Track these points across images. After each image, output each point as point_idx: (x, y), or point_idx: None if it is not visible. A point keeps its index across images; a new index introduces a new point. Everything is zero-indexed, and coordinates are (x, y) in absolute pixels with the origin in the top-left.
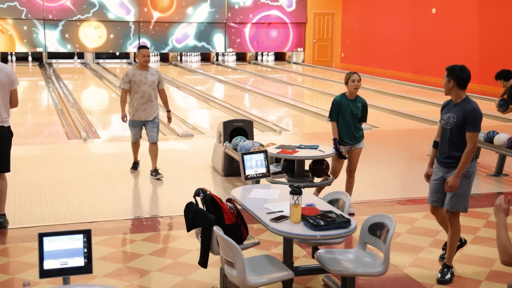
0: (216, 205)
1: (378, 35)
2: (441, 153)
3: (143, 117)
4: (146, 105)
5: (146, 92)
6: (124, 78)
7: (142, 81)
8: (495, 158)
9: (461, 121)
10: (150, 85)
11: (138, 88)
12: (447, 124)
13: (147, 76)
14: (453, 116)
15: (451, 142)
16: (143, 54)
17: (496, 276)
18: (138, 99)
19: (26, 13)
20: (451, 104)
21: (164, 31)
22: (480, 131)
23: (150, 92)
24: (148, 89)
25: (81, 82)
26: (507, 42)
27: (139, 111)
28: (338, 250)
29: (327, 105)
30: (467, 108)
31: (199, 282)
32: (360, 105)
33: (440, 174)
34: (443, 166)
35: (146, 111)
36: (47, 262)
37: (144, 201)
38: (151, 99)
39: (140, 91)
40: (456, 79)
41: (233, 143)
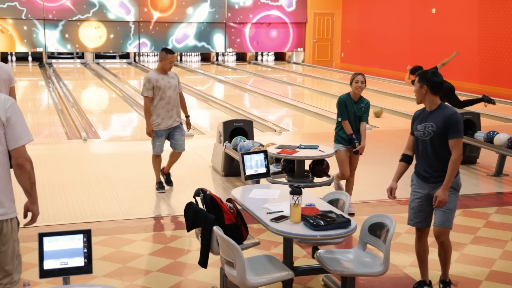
0: (216, 205)
1: (378, 35)
2: (423, 168)
3: (170, 124)
4: (172, 112)
5: (172, 97)
6: (146, 85)
7: (166, 86)
8: (495, 158)
9: (441, 129)
10: (174, 89)
11: (164, 94)
12: (424, 135)
13: (169, 80)
14: (431, 125)
15: (434, 153)
16: (170, 60)
17: (496, 276)
18: (164, 106)
19: (26, 13)
20: (425, 113)
21: (164, 31)
22: (463, 137)
23: (175, 97)
24: (173, 94)
25: (81, 82)
26: (507, 42)
27: (166, 120)
28: (338, 250)
29: (327, 105)
30: (447, 113)
31: (199, 282)
32: (363, 106)
33: (424, 191)
34: (428, 182)
35: (173, 118)
36: (47, 262)
37: (144, 201)
38: (176, 104)
39: (166, 97)
40: (429, 84)
41: (233, 143)
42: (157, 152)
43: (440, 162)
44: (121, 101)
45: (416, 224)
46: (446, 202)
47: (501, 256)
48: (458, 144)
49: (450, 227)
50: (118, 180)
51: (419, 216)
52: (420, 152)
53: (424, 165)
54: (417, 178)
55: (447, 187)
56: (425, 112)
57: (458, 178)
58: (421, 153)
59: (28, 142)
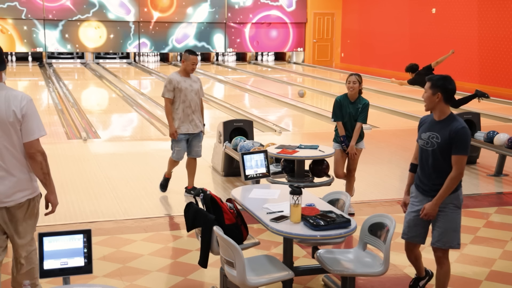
0: (216, 205)
1: (378, 35)
2: (422, 180)
3: (190, 130)
4: (193, 116)
5: (193, 101)
6: (167, 86)
7: (188, 89)
8: (495, 158)
9: (446, 142)
10: (196, 93)
11: (185, 97)
12: (427, 145)
13: (191, 83)
14: (435, 135)
15: (435, 167)
16: (192, 61)
17: (496, 276)
18: (185, 109)
19: (26, 13)
20: (433, 121)
21: (164, 31)
22: (468, 155)
23: (196, 101)
24: (194, 98)
25: (81, 82)
26: (507, 42)
27: (185, 123)
28: (338, 250)
29: (327, 105)
30: (455, 127)
31: (199, 282)
32: (359, 106)
33: (422, 204)
34: (427, 195)
35: (193, 123)
36: (47, 262)
37: (144, 201)
38: (197, 109)
39: (187, 100)
40: (444, 92)
41: (233, 143)
42: (177, 158)
43: (439, 176)
44: (121, 101)
45: (410, 239)
46: (433, 216)
47: (501, 256)
48: (461, 162)
49: (453, 248)
50: (118, 180)
51: (414, 230)
52: (422, 162)
53: (423, 176)
54: (417, 190)
55: (439, 202)
56: (433, 120)
57: (458, 193)
58: (422, 163)
59: (40, 136)
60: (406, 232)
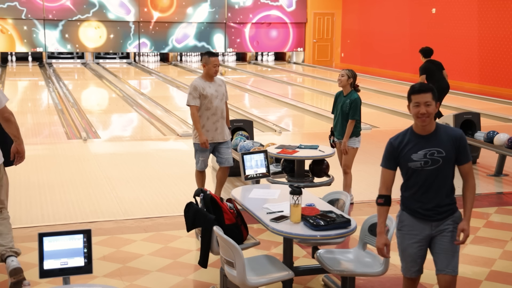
0: (216, 205)
1: (378, 35)
2: (423, 206)
3: (215, 138)
4: (218, 123)
5: (219, 108)
6: (193, 93)
7: (213, 95)
8: (495, 158)
9: (451, 153)
10: (221, 98)
11: (210, 104)
12: (427, 164)
13: (217, 88)
14: (436, 150)
15: (441, 184)
16: (214, 63)
17: (496, 276)
18: (210, 117)
19: (26, 13)
20: (418, 137)
21: (164, 31)
22: None
23: (222, 107)
24: (220, 104)
25: (81, 82)
26: (507, 42)
27: (210, 132)
28: (338, 250)
29: (327, 105)
30: (454, 134)
31: (199, 282)
32: (348, 101)
33: (424, 232)
34: (429, 221)
35: (219, 131)
36: (47, 262)
37: (144, 201)
38: (223, 116)
39: (212, 107)
40: (438, 99)
41: (233, 143)
42: (201, 168)
43: (449, 194)
44: (121, 101)
45: (414, 274)
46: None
47: (501, 256)
48: (471, 168)
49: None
50: (118, 180)
51: (417, 264)
52: (418, 186)
53: (424, 200)
54: (412, 217)
55: (469, 219)
56: (417, 136)
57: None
58: (418, 187)
59: (5, 103)
60: (409, 268)
